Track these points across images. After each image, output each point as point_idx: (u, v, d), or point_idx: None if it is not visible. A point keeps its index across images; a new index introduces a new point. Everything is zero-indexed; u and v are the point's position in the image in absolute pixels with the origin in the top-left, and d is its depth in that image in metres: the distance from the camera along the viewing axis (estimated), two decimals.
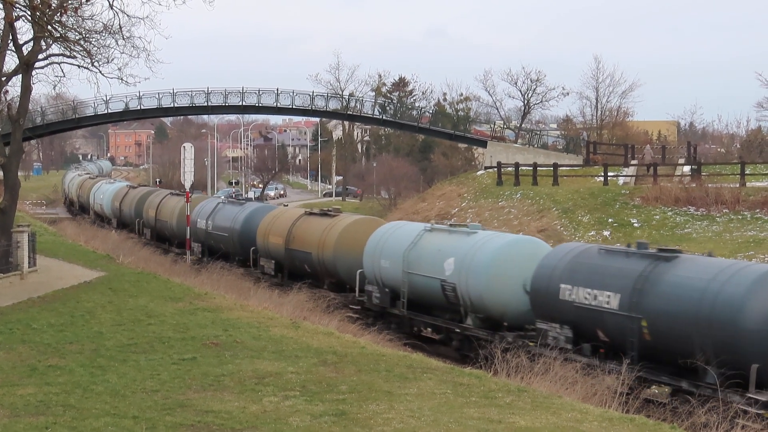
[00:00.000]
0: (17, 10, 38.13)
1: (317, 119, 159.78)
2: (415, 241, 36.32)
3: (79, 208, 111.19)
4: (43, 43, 40.66)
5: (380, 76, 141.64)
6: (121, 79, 42.17)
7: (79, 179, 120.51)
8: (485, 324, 32.79)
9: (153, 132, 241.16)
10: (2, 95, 40.88)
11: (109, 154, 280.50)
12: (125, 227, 79.11)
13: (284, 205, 59.99)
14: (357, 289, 40.43)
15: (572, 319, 28.31)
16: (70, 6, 38.48)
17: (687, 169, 70.07)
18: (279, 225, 48.38)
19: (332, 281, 43.62)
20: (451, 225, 36.60)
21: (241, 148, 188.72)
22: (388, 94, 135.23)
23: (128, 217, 79.26)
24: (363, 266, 39.83)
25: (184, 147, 60.90)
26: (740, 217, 55.77)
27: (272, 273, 48.27)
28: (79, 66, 42.00)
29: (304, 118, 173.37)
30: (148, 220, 72.12)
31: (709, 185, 60.76)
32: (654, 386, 27.40)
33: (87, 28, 41.01)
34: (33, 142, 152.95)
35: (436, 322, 35.76)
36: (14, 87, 43.74)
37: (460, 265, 33.23)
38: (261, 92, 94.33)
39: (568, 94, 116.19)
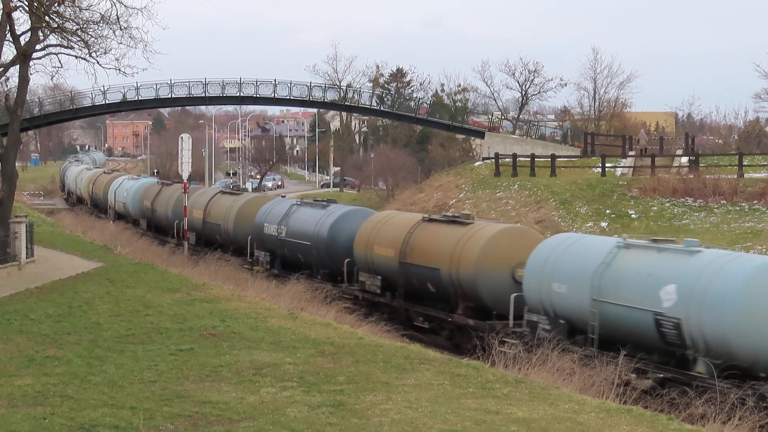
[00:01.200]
0: (15, 0, 38.15)
1: (315, 110, 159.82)
2: (608, 261, 28.59)
3: (92, 206, 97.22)
4: (41, 34, 40.70)
5: (378, 66, 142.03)
6: (119, 69, 42.26)
7: (89, 174, 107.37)
8: (723, 372, 24.54)
9: (150, 123, 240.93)
10: (0, 86, 40.89)
11: (106, 145, 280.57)
12: (159, 231, 68.77)
13: (282, 196, 59.57)
14: (511, 317, 32.67)
15: None
16: None
17: (685, 160, 70.05)
18: (388, 233, 39.63)
19: (470, 305, 35.16)
20: (654, 240, 29.18)
21: (238, 139, 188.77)
22: (386, 85, 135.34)
23: (163, 219, 67.55)
24: (523, 289, 31.87)
25: (182, 138, 60.83)
26: (738, 208, 55.78)
27: (377, 291, 39.65)
28: (76, 56, 42.08)
29: (302, 109, 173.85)
30: (193, 222, 60.09)
31: (707, 176, 60.76)
32: None
33: (84, 18, 41.10)
34: (30, 132, 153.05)
35: (647, 366, 27.22)
36: (12, 77, 43.80)
37: (688, 295, 25.51)
38: (258, 83, 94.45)
39: (565, 85, 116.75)
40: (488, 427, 16.18)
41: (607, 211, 59.41)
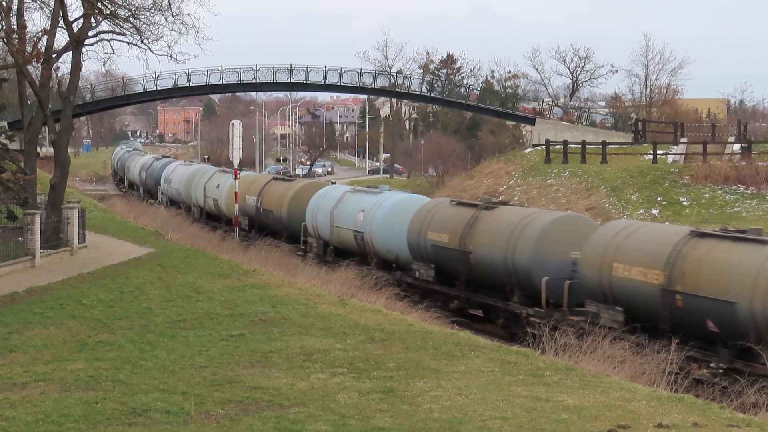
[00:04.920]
0: None
1: (365, 96, 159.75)
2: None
3: (205, 217, 69.76)
4: (93, 20, 40.93)
5: (428, 53, 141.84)
6: (171, 56, 42.53)
7: (187, 170, 77.30)
8: None
9: (201, 109, 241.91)
10: (53, 72, 41.17)
11: (158, 131, 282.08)
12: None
13: (332, 183, 58.95)
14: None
15: None
16: None
17: (737, 147, 69.57)
18: None
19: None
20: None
21: (289, 126, 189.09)
22: (436, 72, 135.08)
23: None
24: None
25: (233, 124, 61.24)
26: None
27: None
28: (128, 43, 42.31)
29: (352, 96, 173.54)
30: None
31: (760, 164, 60.34)
32: None
33: (136, 5, 41.32)
34: (83, 118, 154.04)
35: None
36: (64, 64, 44.08)
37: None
38: (309, 69, 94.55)
39: (616, 71, 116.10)
40: (538, 415, 16.14)
41: (659, 199, 59.08)
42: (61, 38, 41.91)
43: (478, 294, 36.28)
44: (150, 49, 42.12)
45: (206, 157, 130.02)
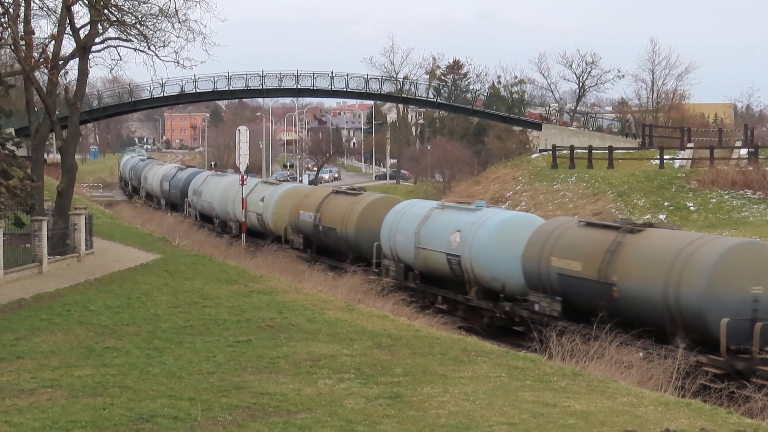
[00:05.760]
0: None
1: (372, 102, 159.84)
2: None
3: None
4: (100, 27, 41.04)
5: (434, 58, 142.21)
6: (177, 62, 42.64)
7: (221, 182, 70.58)
8: None
9: (208, 115, 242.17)
10: (60, 79, 41.24)
11: (164, 137, 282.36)
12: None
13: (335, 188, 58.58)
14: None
15: None
16: None
17: (744, 152, 69.46)
18: None
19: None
20: None
21: (295, 131, 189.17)
22: (443, 77, 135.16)
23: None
24: None
25: (239, 130, 61.14)
26: None
27: None
28: (135, 49, 42.46)
29: (359, 101, 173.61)
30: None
31: (767, 168, 60.22)
32: None
33: (143, 11, 41.42)
34: (90, 125, 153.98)
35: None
36: (71, 70, 44.19)
37: None
38: (315, 75, 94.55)
39: (623, 76, 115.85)
40: (545, 420, 16.15)
41: (666, 204, 58.98)
42: (68, 45, 42.05)
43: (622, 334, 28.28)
44: (157, 55, 42.26)
45: (213, 163, 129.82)
